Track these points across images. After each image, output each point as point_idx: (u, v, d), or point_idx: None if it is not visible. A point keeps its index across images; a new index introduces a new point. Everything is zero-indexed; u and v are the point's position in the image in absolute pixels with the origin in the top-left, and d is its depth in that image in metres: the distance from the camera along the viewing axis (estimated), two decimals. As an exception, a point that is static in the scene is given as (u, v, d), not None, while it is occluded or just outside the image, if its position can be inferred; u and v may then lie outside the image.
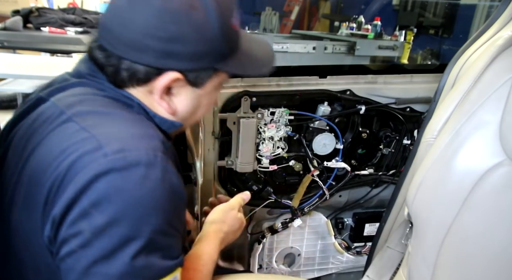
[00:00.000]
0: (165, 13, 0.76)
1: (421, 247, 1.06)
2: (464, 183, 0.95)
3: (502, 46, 1.03)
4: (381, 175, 1.65)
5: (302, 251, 1.77)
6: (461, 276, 0.96)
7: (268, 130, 1.49)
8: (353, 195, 1.71)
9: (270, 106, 1.47)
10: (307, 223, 1.72)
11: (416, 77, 1.54)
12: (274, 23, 3.99)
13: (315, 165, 1.57)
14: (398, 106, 1.55)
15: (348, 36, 3.46)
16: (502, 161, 0.91)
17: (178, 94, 0.87)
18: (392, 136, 1.60)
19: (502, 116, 0.92)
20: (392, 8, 3.85)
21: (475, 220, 0.93)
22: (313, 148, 1.56)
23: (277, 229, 1.65)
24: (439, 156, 1.01)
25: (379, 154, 1.65)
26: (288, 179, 1.62)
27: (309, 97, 1.50)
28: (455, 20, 3.60)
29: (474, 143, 0.95)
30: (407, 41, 3.34)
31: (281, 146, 1.54)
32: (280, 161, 1.57)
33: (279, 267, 1.78)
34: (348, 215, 1.81)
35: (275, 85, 1.46)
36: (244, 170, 1.49)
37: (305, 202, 1.63)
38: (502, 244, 0.90)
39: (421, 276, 1.05)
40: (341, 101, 1.53)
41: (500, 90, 0.95)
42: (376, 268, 1.36)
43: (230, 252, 1.72)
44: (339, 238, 1.81)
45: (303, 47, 3.00)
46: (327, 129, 1.55)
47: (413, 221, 1.10)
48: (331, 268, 1.83)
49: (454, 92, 1.08)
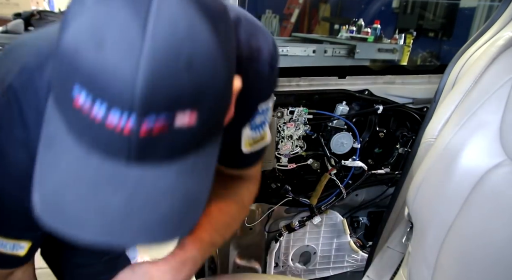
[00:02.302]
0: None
1: (422, 247, 1.05)
2: (464, 183, 0.94)
3: (502, 46, 1.03)
4: (397, 174, 1.67)
5: (318, 250, 1.79)
6: (462, 276, 0.96)
7: (287, 128, 1.51)
8: (369, 194, 1.73)
9: (289, 105, 1.49)
10: (323, 222, 1.74)
11: (433, 77, 1.57)
12: (275, 26, 4.02)
13: (333, 164, 1.59)
14: (415, 106, 1.58)
15: (348, 39, 3.49)
16: (503, 161, 0.90)
17: None
18: (408, 135, 1.62)
19: (503, 116, 0.92)
20: (391, 11, 3.89)
21: (476, 220, 0.93)
22: (331, 147, 1.58)
23: (294, 227, 1.67)
24: (439, 156, 1.01)
25: (395, 154, 1.67)
26: (306, 178, 1.64)
27: (327, 96, 1.52)
28: (454, 23, 3.64)
29: (475, 144, 0.95)
30: (407, 44, 3.37)
31: (299, 144, 1.56)
32: (298, 160, 1.59)
33: (295, 265, 1.80)
34: (363, 214, 1.83)
35: (295, 85, 1.48)
36: (264, 168, 1.50)
37: (323, 200, 1.64)
38: (502, 244, 0.89)
39: (422, 276, 1.05)
40: (359, 101, 1.55)
41: (500, 90, 0.94)
42: (376, 268, 1.36)
43: (246, 251, 1.73)
44: (354, 236, 1.83)
45: (303, 50, 3.01)
46: (345, 128, 1.57)
47: (413, 221, 1.10)
48: (346, 266, 1.85)
49: (455, 93, 1.09)
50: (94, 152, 0.52)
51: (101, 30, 0.47)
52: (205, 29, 0.50)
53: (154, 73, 0.46)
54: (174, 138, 0.51)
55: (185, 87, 0.48)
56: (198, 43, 0.49)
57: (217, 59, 0.51)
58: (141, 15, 0.47)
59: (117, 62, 0.46)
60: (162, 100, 0.47)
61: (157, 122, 0.48)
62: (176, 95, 0.48)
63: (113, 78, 0.46)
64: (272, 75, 0.86)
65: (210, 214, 1.03)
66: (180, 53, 0.47)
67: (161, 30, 0.47)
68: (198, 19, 0.49)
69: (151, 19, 0.46)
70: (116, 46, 0.47)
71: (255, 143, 0.95)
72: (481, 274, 0.93)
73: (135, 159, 0.52)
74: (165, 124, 0.49)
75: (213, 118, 0.55)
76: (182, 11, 0.49)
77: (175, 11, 0.48)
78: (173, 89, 0.48)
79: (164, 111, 0.48)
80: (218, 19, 0.53)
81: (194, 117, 0.51)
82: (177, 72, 0.47)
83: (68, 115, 0.52)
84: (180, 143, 0.53)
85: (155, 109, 0.48)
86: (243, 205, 1.07)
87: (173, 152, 0.53)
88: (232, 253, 1.71)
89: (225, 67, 0.53)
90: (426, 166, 1.05)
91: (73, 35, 0.49)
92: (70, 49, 0.49)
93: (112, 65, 0.46)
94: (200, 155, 0.56)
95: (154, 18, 0.46)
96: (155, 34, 0.46)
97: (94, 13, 0.48)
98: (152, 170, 0.53)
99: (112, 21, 0.47)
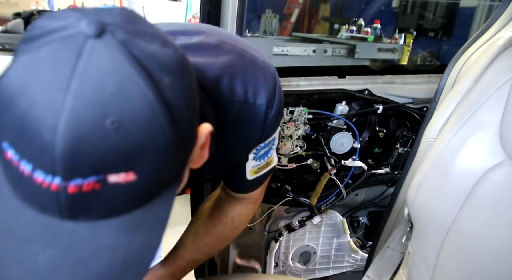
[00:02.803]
0: None
1: (421, 247, 1.06)
2: (464, 183, 0.94)
3: (502, 46, 1.03)
4: (397, 174, 1.67)
5: (318, 249, 1.79)
6: (461, 276, 0.96)
7: (287, 128, 1.51)
8: (369, 194, 1.73)
9: (289, 105, 1.49)
10: (323, 222, 1.74)
11: (433, 77, 1.57)
12: (274, 26, 4.01)
13: (333, 164, 1.59)
14: (415, 105, 1.58)
15: (348, 39, 3.48)
16: (502, 161, 0.90)
17: None
18: (408, 135, 1.62)
19: (502, 116, 0.92)
20: (391, 11, 3.88)
21: (475, 220, 0.93)
22: (331, 146, 1.57)
23: (294, 227, 1.67)
24: (439, 156, 1.01)
25: (395, 153, 1.67)
26: (306, 177, 1.63)
27: (327, 96, 1.52)
28: (454, 22, 3.63)
29: (474, 143, 0.95)
30: (407, 44, 3.37)
31: (299, 144, 1.55)
32: (298, 160, 1.59)
33: (294, 265, 1.80)
34: (363, 214, 1.83)
35: (295, 85, 1.48)
36: (264, 168, 1.50)
37: (322, 200, 1.64)
38: (502, 244, 0.89)
39: (421, 276, 1.05)
40: (359, 101, 1.55)
41: (500, 90, 0.94)
42: (376, 268, 1.36)
43: (246, 251, 1.73)
44: (354, 236, 1.83)
45: (303, 50, 3.01)
46: (344, 128, 1.57)
47: (413, 221, 1.10)
48: (346, 266, 1.85)
49: (454, 92, 1.09)
50: (28, 204, 0.49)
51: (25, 93, 0.44)
52: (141, 84, 0.45)
53: (75, 136, 0.42)
54: (111, 195, 0.47)
55: (114, 150, 0.44)
56: (129, 100, 0.44)
57: (155, 117, 0.46)
58: (67, 71, 0.43)
59: (38, 123, 0.43)
60: (87, 165, 0.44)
61: (86, 183, 0.45)
62: (104, 159, 0.44)
63: (34, 140, 0.43)
64: (272, 115, 0.82)
65: (195, 234, 1.06)
66: (107, 113, 0.43)
67: (86, 89, 0.43)
68: (133, 73, 0.45)
69: (76, 76, 0.43)
70: (36, 109, 0.43)
71: (260, 170, 0.94)
72: (480, 274, 0.93)
73: (68, 215, 0.48)
74: (96, 183, 0.45)
75: (158, 175, 0.50)
76: (112, 65, 0.44)
77: (105, 66, 0.44)
78: (98, 153, 0.44)
79: (91, 175, 0.45)
80: (162, 71, 0.48)
81: (132, 176, 0.47)
82: (102, 135, 0.43)
83: (3, 164, 0.48)
84: (119, 200, 0.48)
85: (80, 174, 0.44)
86: (232, 227, 1.06)
87: (111, 209, 0.49)
88: (232, 253, 1.71)
89: (168, 123, 0.47)
90: (426, 166, 1.05)
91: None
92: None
93: (34, 126, 0.43)
94: (147, 210, 0.52)
95: (80, 74, 0.43)
96: (78, 93, 0.42)
97: (18, 73, 0.45)
98: (87, 226, 0.49)
99: (34, 82, 0.44)
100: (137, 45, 0.47)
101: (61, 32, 0.45)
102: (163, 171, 0.51)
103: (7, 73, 0.45)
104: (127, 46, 0.46)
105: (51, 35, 0.45)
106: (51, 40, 0.45)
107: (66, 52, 0.44)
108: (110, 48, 0.45)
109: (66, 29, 0.45)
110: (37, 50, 0.45)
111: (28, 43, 0.46)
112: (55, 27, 0.46)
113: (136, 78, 0.45)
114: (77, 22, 0.45)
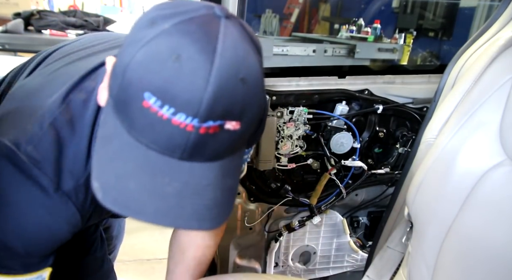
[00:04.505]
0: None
1: (421, 247, 1.06)
2: (464, 183, 0.94)
3: (502, 46, 1.03)
4: (397, 174, 1.67)
5: (318, 249, 1.79)
6: (461, 276, 0.96)
7: (287, 128, 1.51)
8: (369, 194, 1.73)
9: (289, 105, 1.49)
10: (323, 222, 1.74)
11: (433, 77, 1.57)
12: (274, 26, 4.00)
13: (333, 164, 1.59)
14: (415, 105, 1.58)
15: (348, 39, 3.48)
16: (502, 161, 0.90)
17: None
18: (408, 135, 1.62)
19: (502, 116, 0.92)
20: (391, 11, 3.87)
21: (475, 220, 0.93)
22: (331, 146, 1.57)
23: (294, 227, 1.67)
24: (439, 156, 1.01)
25: (395, 153, 1.67)
26: (306, 177, 1.64)
27: (327, 96, 1.52)
28: (454, 22, 3.63)
29: (474, 143, 0.95)
30: (407, 44, 3.36)
31: (299, 144, 1.56)
32: (298, 160, 1.59)
33: (294, 265, 1.80)
34: (363, 214, 1.83)
35: (295, 85, 1.48)
36: (264, 167, 1.50)
37: (322, 200, 1.65)
38: (502, 244, 0.89)
39: (421, 276, 1.05)
40: (359, 101, 1.55)
41: (500, 90, 0.94)
42: (376, 268, 1.36)
43: (246, 251, 1.73)
44: (354, 236, 1.83)
45: (303, 50, 3.00)
46: (344, 128, 1.57)
47: (413, 221, 1.10)
48: (346, 266, 1.85)
49: (454, 92, 1.08)
50: (152, 149, 0.62)
51: (179, 50, 0.57)
52: (255, 57, 0.63)
53: (220, 88, 0.57)
54: (221, 139, 0.62)
55: (239, 100, 0.59)
56: (251, 67, 0.61)
57: (261, 80, 0.64)
58: (212, 42, 0.58)
59: (191, 76, 0.56)
60: (219, 110, 0.58)
61: (213, 126, 0.59)
62: (230, 107, 0.59)
63: (184, 89, 0.56)
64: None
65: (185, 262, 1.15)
66: (238, 71, 0.59)
67: (226, 54, 0.58)
68: (251, 49, 0.62)
69: (219, 46, 0.58)
70: (191, 63, 0.57)
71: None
72: (480, 274, 0.93)
73: (187, 155, 0.62)
74: (218, 126, 0.60)
75: (249, 131, 0.67)
76: (240, 42, 0.61)
77: (236, 41, 0.60)
78: (229, 101, 0.58)
79: (219, 119, 0.59)
80: (260, 51, 0.66)
81: (238, 125, 0.62)
82: (235, 86, 0.58)
83: (133, 116, 0.61)
84: (224, 145, 0.64)
85: (213, 118, 0.58)
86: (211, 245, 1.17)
87: (217, 152, 0.64)
88: (232, 253, 1.71)
89: (264, 90, 0.66)
90: (426, 166, 1.05)
91: (149, 51, 0.58)
92: (144, 62, 0.58)
93: (186, 79, 0.56)
94: (232, 158, 0.68)
95: (221, 45, 0.58)
96: (222, 57, 0.57)
97: (172, 36, 0.58)
98: (199, 166, 0.64)
99: (188, 43, 0.57)
100: (247, 27, 0.65)
101: (199, 12, 0.61)
102: (252, 129, 0.68)
103: (158, 36, 0.59)
104: (243, 27, 0.64)
105: (194, 12, 0.61)
106: (196, 16, 0.60)
107: (210, 25, 0.60)
108: (236, 26, 0.63)
109: (203, 11, 0.62)
110: (188, 22, 0.59)
111: (174, 17, 0.60)
112: (194, 8, 0.62)
113: (253, 53, 0.63)
114: (211, 8, 0.62)
